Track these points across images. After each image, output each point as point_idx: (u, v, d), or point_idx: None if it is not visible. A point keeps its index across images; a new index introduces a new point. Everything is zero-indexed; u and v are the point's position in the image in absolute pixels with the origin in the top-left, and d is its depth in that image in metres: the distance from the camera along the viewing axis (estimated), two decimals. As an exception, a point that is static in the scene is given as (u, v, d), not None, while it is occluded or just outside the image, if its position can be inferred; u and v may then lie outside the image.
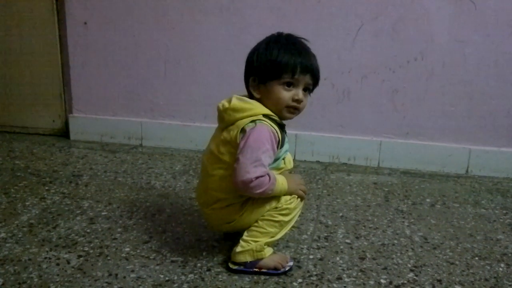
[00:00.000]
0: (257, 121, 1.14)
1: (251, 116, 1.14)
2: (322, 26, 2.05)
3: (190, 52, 2.21)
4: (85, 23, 2.27)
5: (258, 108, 1.16)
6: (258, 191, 1.12)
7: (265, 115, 1.15)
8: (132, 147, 2.32)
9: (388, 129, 2.13)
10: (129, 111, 2.35)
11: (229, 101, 1.19)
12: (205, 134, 1.30)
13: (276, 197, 1.18)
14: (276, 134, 1.15)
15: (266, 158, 1.12)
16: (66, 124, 2.44)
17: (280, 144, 1.18)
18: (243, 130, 1.14)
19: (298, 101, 1.17)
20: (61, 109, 2.44)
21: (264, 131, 1.13)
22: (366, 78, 2.08)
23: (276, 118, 1.17)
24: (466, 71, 2.01)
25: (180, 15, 2.17)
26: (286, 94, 1.16)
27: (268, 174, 1.12)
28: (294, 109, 1.19)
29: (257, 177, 1.10)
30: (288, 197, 1.20)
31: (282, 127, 1.20)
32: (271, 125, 1.14)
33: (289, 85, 1.16)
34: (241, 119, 1.15)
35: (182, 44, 2.21)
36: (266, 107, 1.17)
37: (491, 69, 1.99)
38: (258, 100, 1.18)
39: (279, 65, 1.15)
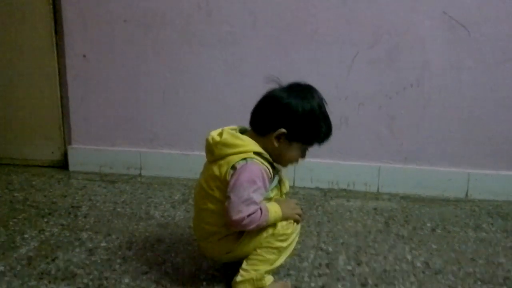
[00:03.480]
0: (248, 158, 1.14)
1: (242, 152, 1.14)
2: (319, 54, 2.08)
3: (188, 83, 2.23)
4: (84, 55, 2.30)
5: (250, 145, 1.16)
6: (252, 226, 1.12)
7: (256, 153, 1.15)
8: (131, 177, 2.32)
9: (387, 154, 2.13)
10: (128, 141, 2.36)
11: (220, 135, 1.19)
12: (204, 163, 1.30)
13: (273, 224, 1.18)
14: (268, 171, 1.15)
15: (258, 196, 1.13)
16: (65, 155, 2.44)
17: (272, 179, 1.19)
18: (233, 167, 1.13)
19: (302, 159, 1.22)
20: (60, 141, 2.44)
21: (255, 169, 1.13)
22: (363, 105, 2.10)
23: (267, 156, 1.18)
24: (462, 96, 2.02)
25: (179, 46, 2.20)
26: (298, 155, 1.20)
27: (260, 208, 1.12)
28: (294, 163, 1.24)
29: (249, 215, 1.10)
30: (284, 222, 1.19)
31: (272, 164, 1.20)
32: (262, 163, 1.15)
33: (307, 149, 1.20)
34: (232, 155, 1.15)
35: (181, 75, 2.23)
36: (270, 154, 1.18)
37: (487, 94, 2.00)
38: (264, 145, 1.18)
39: (319, 136, 1.19)
